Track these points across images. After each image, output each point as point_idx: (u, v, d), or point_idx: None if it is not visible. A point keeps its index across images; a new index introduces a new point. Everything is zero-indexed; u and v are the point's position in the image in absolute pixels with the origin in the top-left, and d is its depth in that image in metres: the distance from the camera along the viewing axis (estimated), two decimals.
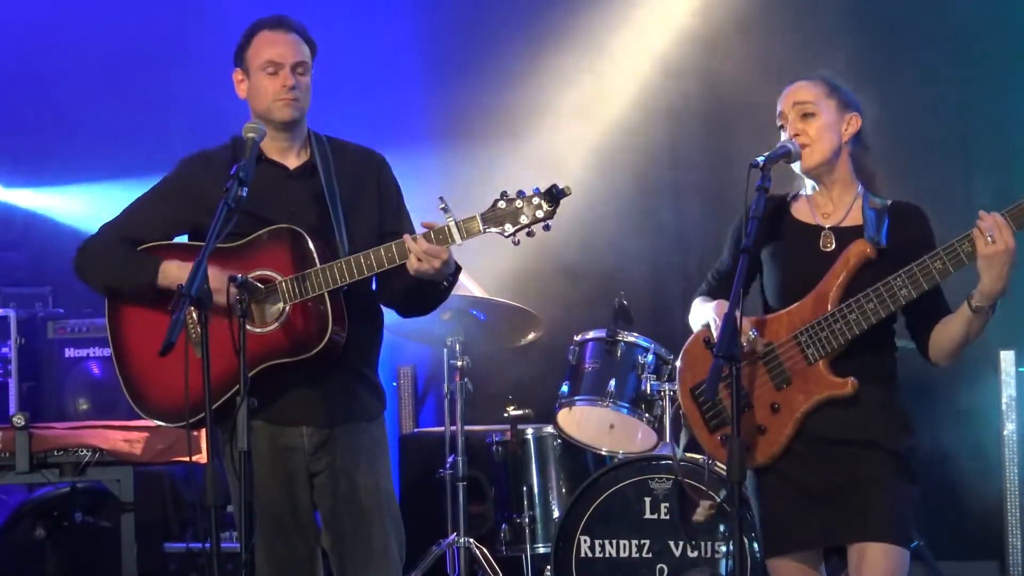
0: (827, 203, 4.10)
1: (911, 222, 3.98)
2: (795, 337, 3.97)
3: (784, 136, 4.09)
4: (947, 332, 3.93)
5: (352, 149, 4.56)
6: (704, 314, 4.18)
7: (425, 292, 4.35)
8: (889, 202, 4.05)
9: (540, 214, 4.13)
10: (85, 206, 8.15)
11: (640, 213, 7.83)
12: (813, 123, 4.04)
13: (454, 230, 4.15)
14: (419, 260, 4.15)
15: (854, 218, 4.05)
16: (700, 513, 4.17)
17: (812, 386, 3.95)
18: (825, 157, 4.05)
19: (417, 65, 8.16)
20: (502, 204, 4.14)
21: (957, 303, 3.96)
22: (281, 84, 4.36)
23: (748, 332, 3.96)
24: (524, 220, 4.13)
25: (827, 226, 4.07)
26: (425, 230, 4.17)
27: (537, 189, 4.14)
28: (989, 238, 3.79)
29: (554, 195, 4.12)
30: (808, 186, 4.14)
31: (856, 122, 4.09)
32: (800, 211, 4.14)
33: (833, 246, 4.02)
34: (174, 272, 4.27)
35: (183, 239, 4.51)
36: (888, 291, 3.86)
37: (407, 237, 4.18)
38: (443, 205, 4.16)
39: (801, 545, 4.01)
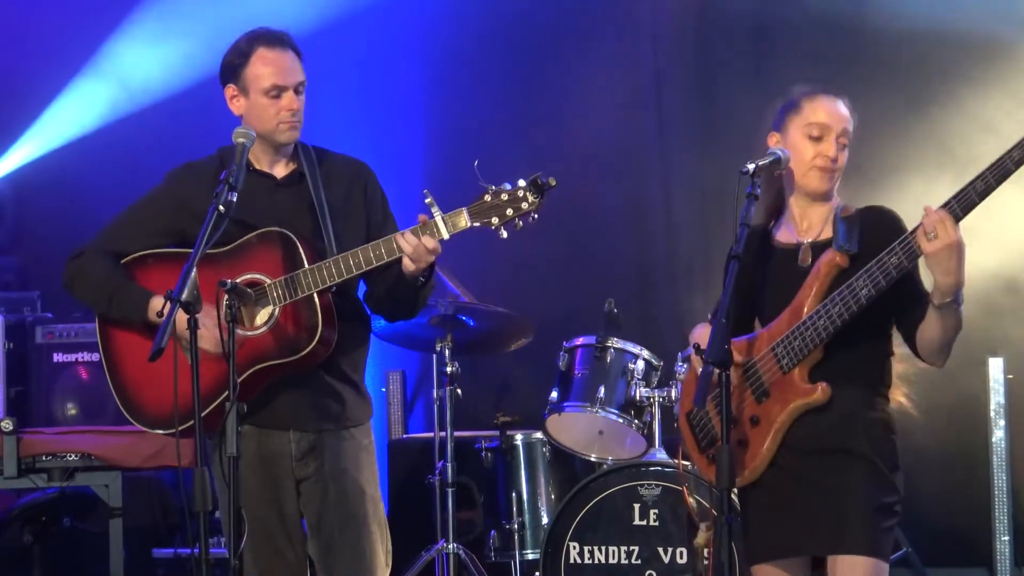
0: (804, 220, 4.08)
1: (882, 224, 3.92)
2: (772, 349, 3.96)
3: (810, 144, 4.03)
4: (926, 333, 3.90)
5: (338, 158, 4.56)
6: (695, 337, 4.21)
7: (405, 292, 4.35)
8: (862, 208, 4.04)
9: (526, 206, 4.13)
10: None
11: (630, 219, 7.84)
12: (844, 155, 4.05)
13: (440, 224, 4.15)
14: (410, 258, 4.16)
15: (829, 231, 4.03)
16: (700, 537, 4.15)
17: (788, 395, 3.93)
18: (834, 187, 4.07)
19: (407, 65, 8.17)
20: (488, 197, 4.14)
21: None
22: (287, 108, 4.35)
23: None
24: (510, 213, 4.13)
25: (806, 241, 4.06)
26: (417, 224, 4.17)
27: (523, 181, 4.14)
28: (932, 235, 3.71)
29: (539, 186, 4.12)
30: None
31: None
32: (781, 235, 4.13)
33: (810, 261, 4.01)
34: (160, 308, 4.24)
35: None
36: (851, 292, 3.83)
37: (397, 236, 4.19)
38: (429, 199, 4.16)
39: (782, 552, 4.00)
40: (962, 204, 3.72)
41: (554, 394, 6.34)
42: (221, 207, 3.99)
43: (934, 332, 3.87)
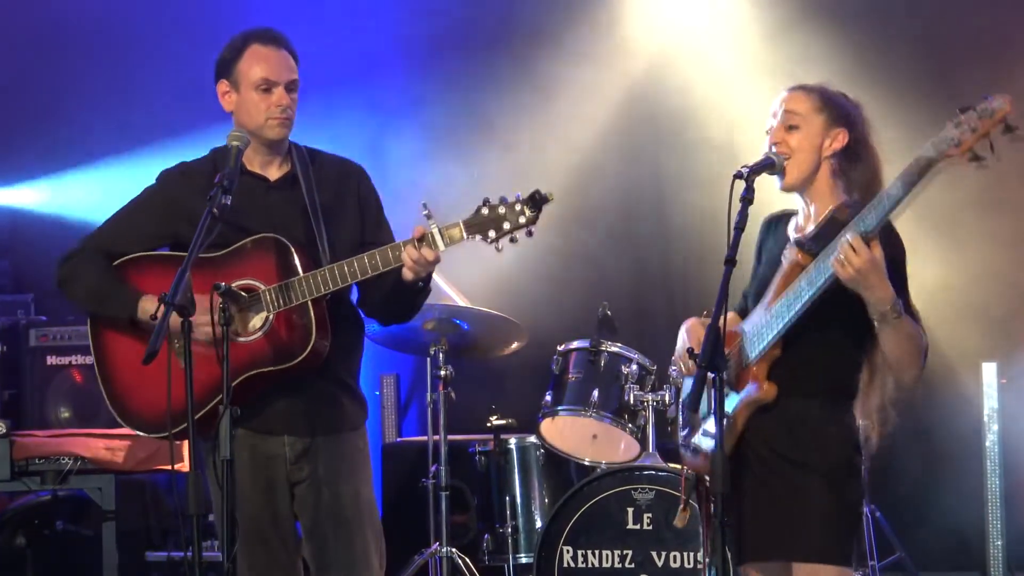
0: (806, 216, 4.07)
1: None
2: (740, 342, 3.97)
3: (766, 138, 4.03)
4: (883, 348, 3.85)
5: (331, 160, 4.56)
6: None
7: (403, 297, 4.35)
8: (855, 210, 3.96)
9: (523, 220, 4.12)
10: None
11: (624, 223, 7.84)
12: (794, 135, 3.98)
13: (437, 237, 4.14)
14: (412, 271, 4.16)
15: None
16: (678, 518, 4.15)
17: (744, 390, 3.95)
18: (803, 174, 3.99)
19: (403, 74, 8.17)
20: (485, 211, 4.13)
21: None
22: (276, 103, 4.35)
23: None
24: (507, 226, 4.12)
25: (794, 237, 4.05)
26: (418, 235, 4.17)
27: (520, 195, 4.13)
28: (844, 261, 3.69)
29: (537, 201, 4.11)
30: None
31: (842, 138, 3.98)
32: (791, 223, 4.13)
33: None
34: (151, 309, 4.25)
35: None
36: (795, 294, 3.83)
37: (397, 247, 4.18)
38: (426, 212, 4.16)
39: (760, 555, 4.00)
40: (877, 214, 3.70)
41: (548, 398, 6.35)
42: (215, 210, 3.99)
43: (890, 346, 3.83)
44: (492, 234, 4.12)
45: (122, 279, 4.42)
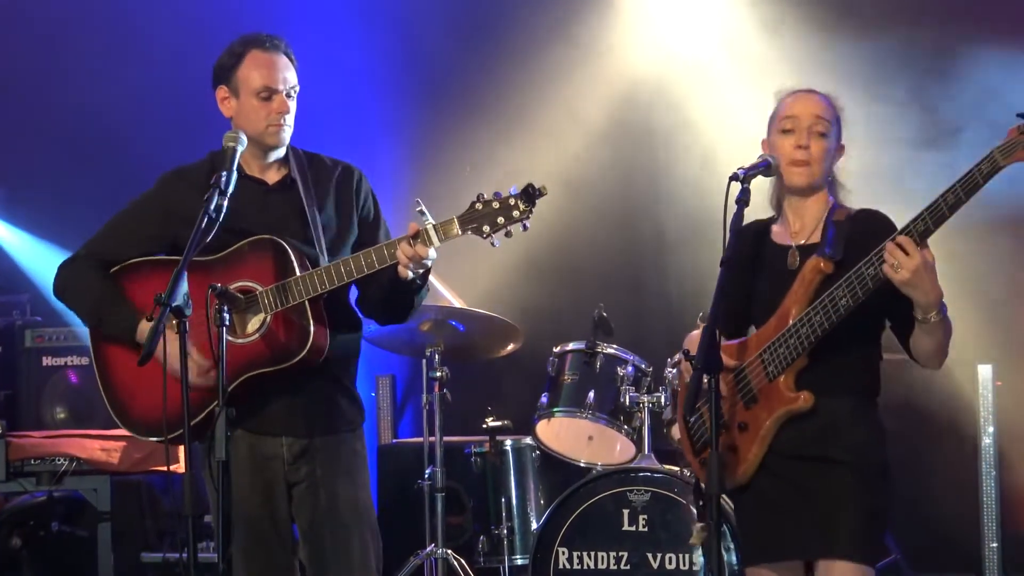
0: (797, 221, 4.08)
1: (870, 230, 3.90)
2: (760, 356, 3.97)
3: (784, 138, 4.03)
4: (918, 343, 3.92)
5: (329, 162, 4.56)
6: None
7: (401, 296, 4.35)
8: (854, 212, 4.03)
9: (517, 214, 4.12)
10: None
11: (620, 225, 7.84)
12: (823, 143, 4.01)
13: (432, 233, 4.15)
14: (407, 268, 4.16)
15: (819, 234, 4.03)
16: (695, 536, 4.15)
17: (773, 403, 3.93)
18: (818, 180, 4.03)
19: (397, 75, 8.17)
20: (479, 206, 4.14)
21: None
22: (277, 110, 4.35)
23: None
24: (501, 221, 4.13)
25: (795, 244, 4.06)
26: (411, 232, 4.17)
27: (514, 189, 4.14)
28: (896, 265, 3.73)
29: (530, 195, 4.12)
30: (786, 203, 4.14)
31: (843, 151, 4.08)
32: (777, 233, 4.14)
33: (798, 263, 4.01)
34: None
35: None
36: (831, 301, 3.83)
37: (392, 244, 4.19)
38: (420, 208, 4.16)
39: (775, 556, 4.01)
40: (934, 218, 3.73)
41: (544, 399, 6.34)
42: (211, 212, 3.99)
43: (926, 343, 3.90)
44: (487, 229, 4.13)
45: (121, 292, 4.41)
